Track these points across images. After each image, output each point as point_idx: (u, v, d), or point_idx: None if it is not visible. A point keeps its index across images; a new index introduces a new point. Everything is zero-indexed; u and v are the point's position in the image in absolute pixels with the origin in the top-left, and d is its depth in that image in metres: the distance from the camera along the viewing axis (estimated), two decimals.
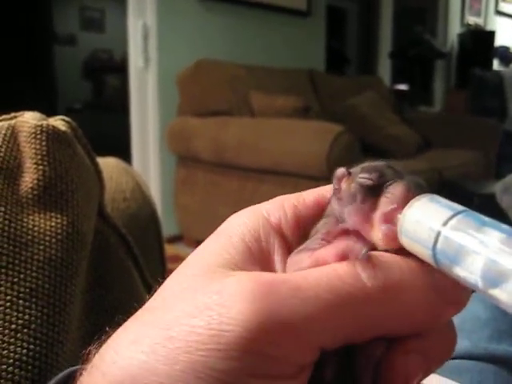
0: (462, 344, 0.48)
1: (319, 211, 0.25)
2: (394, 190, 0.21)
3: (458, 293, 0.21)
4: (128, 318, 0.22)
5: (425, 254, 0.20)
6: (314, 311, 0.19)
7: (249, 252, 0.23)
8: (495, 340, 0.48)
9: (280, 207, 0.25)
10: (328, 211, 0.24)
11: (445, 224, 0.19)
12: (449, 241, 0.19)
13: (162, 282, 0.24)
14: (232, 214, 0.25)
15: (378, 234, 0.21)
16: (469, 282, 0.18)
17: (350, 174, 0.23)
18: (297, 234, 0.24)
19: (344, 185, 0.23)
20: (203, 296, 0.20)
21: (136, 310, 0.23)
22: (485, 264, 0.17)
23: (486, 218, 0.19)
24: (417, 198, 0.21)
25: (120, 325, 0.22)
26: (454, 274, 0.19)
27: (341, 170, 0.23)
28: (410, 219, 0.20)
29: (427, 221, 0.20)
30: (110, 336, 0.22)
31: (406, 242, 0.21)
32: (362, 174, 0.22)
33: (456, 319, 0.54)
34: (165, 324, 0.20)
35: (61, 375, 0.25)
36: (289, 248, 0.24)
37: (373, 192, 0.22)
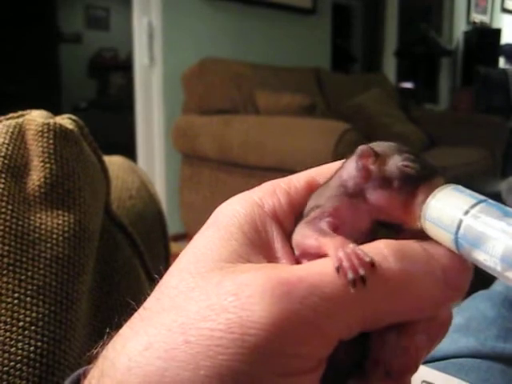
0: (469, 342, 0.48)
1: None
2: (438, 183, 0.22)
3: (462, 280, 0.21)
4: (129, 317, 0.22)
5: (447, 238, 0.21)
6: (333, 307, 0.19)
7: (249, 242, 0.23)
8: (502, 338, 0.48)
9: (272, 194, 0.25)
10: (334, 181, 0.24)
11: (468, 211, 0.20)
12: (471, 226, 0.20)
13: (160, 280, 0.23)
14: None
15: (414, 219, 0.22)
16: (487, 265, 0.19)
17: (377, 154, 0.23)
18: (292, 219, 0.24)
19: (373, 166, 0.23)
20: (217, 297, 0.20)
21: (135, 310, 0.22)
22: (506, 248, 0.18)
23: (507, 208, 0.20)
24: (442, 186, 0.22)
25: (121, 325, 0.22)
26: (473, 258, 0.19)
27: (366, 148, 0.24)
28: (435, 205, 0.21)
29: (451, 207, 0.21)
30: (112, 337, 0.22)
31: (428, 226, 0.21)
32: (405, 162, 0.23)
33: (463, 318, 0.54)
34: (179, 328, 0.20)
35: (69, 380, 0.25)
36: (286, 234, 0.24)
37: (411, 180, 0.22)
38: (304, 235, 0.23)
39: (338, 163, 0.26)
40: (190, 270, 0.22)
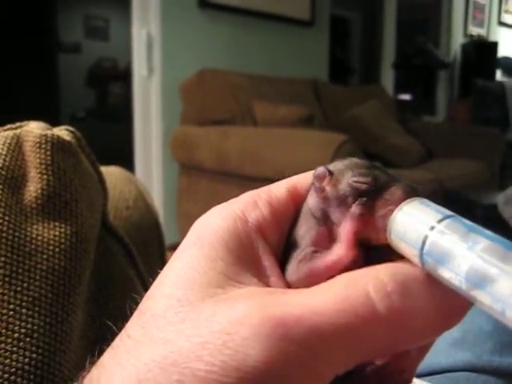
0: (465, 356, 0.48)
1: (293, 205, 0.24)
2: (394, 193, 0.22)
3: (462, 308, 0.21)
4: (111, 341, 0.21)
5: (412, 253, 0.20)
6: (331, 348, 0.19)
7: (236, 261, 0.22)
8: (498, 352, 0.48)
9: (254, 206, 0.24)
10: (305, 209, 0.24)
11: (434, 226, 0.20)
12: (437, 242, 0.19)
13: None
14: None
15: (374, 235, 0.22)
16: (453, 283, 0.18)
17: (331, 173, 0.23)
18: (276, 232, 0.23)
19: (328, 186, 0.23)
20: (211, 335, 0.19)
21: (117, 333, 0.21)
22: (470, 267, 0.18)
23: (473, 224, 0.19)
24: (408, 200, 0.21)
25: (103, 350, 0.21)
26: (439, 275, 0.19)
27: (322, 170, 0.23)
28: (401, 220, 0.21)
29: (417, 222, 0.20)
30: (94, 363, 0.21)
31: (394, 241, 0.21)
32: (355, 178, 0.22)
33: (458, 331, 0.54)
34: (172, 366, 0.19)
35: None
36: (272, 248, 0.23)
37: (365, 195, 0.22)
38: (304, 271, 0.22)
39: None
40: (177, 296, 0.21)
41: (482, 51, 5.74)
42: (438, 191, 2.78)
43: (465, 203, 2.57)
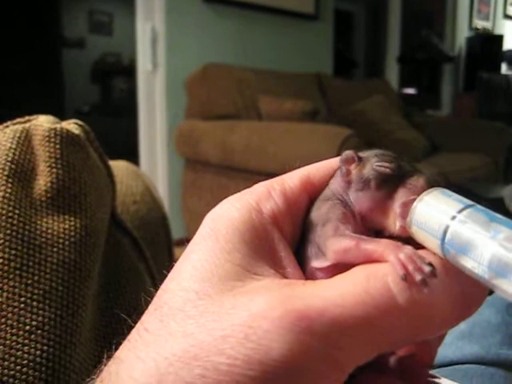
0: (473, 349, 0.48)
1: (306, 196, 0.24)
2: (417, 182, 0.22)
3: (481, 296, 0.21)
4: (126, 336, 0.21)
5: (433, 243, 0.20)
6: (353, 341, 0.19)
7: (252, 252, 0.22)
8: (506, 345, 0.48)
9: (268, 197, 0.23)
10: (327, 193, 0.24)
11: (455, 216, 0.20)
12: (458, 232, 0.19)
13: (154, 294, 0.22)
14: None
15: (393, 222, 0.22)
16: (475, 273, 0.18)
17: (360, 158, 0.23)
18: (290, 223, 0.23)
19: (354, 170, 0.23)
20: (232, 329, 0.19)
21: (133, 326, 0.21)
22: (493, 255, 0.18)
23: (494, 214, 0.19)
24: (429, 190, 0.21)
25: (119, 343, 0.21)
26: (460, 264, 0.19)
27: (349, 153, 0.23)
28: (422, 210, 0.21)
29: (438, 212, 0.20)
30: (111, 357, 0.20)
31: (415, 231, 0.21)
32: (380, 162, 0.22)
33: (466, 324, 0.54)
34: (193, 360, 0.18)
35: None
36: (286, 239, 0.23)
37: (388, 181, 0.22)
38: (342, 246, 0.21)
39: (330, 161, 0.25)
40: (195, 289, 0.21)
41: (488, 44, 5.71)
42: (442, 185, 2.76)
43: (470, 197, 2.56)
